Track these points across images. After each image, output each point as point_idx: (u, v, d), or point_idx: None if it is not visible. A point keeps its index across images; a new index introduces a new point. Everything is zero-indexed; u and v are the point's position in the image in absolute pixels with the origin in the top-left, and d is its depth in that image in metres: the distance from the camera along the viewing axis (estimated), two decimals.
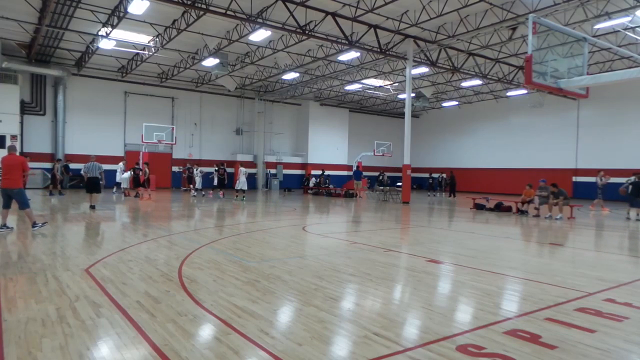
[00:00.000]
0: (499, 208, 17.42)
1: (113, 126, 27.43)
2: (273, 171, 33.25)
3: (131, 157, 24.56)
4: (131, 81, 27.52)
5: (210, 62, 22.23)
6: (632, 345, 3.75)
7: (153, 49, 21.29)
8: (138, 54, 22.98)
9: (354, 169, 29.10)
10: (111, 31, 18.55)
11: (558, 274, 6.42)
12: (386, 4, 15.84)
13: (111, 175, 23.40)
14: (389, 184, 30.50)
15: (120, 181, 21.78)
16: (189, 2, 15.20)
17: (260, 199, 23.15)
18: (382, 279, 5.90)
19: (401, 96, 31.24)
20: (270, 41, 20.79)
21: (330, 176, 31.27)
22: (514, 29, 18.42)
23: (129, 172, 21.03)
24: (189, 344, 3.53)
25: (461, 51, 21.12)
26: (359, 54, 21.40)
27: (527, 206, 16.12)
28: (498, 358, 3.37)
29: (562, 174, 27.18)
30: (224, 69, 22.21)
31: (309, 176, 31.21)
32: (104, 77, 26.82)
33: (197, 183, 22.82)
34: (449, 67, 22.52)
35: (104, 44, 20.27)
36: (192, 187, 23.39)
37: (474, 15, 17.37)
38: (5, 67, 22.22)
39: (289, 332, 3.87)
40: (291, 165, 34.35)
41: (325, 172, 30.98)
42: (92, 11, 17.38)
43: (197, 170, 23.22)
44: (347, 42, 18.68)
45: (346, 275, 6.06)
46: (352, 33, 18.60)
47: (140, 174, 20.25)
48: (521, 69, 23.45)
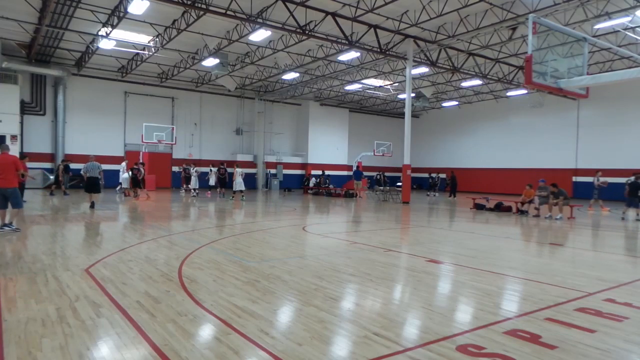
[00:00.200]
0: (499, 208, 17.42)
1: (113, 126, 27.43)
2: (273, 171, 33.23)
3: (131, 157, 24.59)
4: (131, 81, 27.52)
5: (210, 62, 22.23)
6: (632, 345, 3.75)
7: (153, 49, 21.29)
8: (138, 54, 22.98)
9: (354, 169, 29.10)
10: (111, 31, 18.55)
11: (558, 274, 6.42)
12: (386, 4, 15.84)
13: (111, 175, 23.43)
14: (387, 184, 30.53)
15: (122, 181, 21.81)
16: (189, 2, 15.20)
17: (260, 199, 23.15)
18: (382, 279, 5.90)
19: (401, 96, 31.23)
20: (270, 41, 20.79)
21: (330, 176, 31.28)
22: (514, 29, 18.42)
23: (129, 172, 21.03)
24: (189, 344, 3.53)
25: (461, 51, 21.12)
26: (359, 54, 21.39)
27: (527, 206, 16.13)
28: (498, 358, 3.37)
29: (562, 174, 27.19)
30: (224, 69, 22.21)
31: (309, 176, 31.21)
32: (104, 77, 26.82)
33: (193, 183, 22.78)
34: (449, 67, 22.52)
35: (104, 44, 20.27)
36: (186, 187, 23.36)
37: (474, 15, 17.37)
38: (5, 67, 22.22)
39: (289, 332, 3.87)
40: (291, 165, 34.33)
41: (325, 172, 31.00)
42: (92, 11, 17.38)
43: (193, 170, 23.22)
44: (347, 42, 18.67)
45: (346, 275, 6.06)
46: (352, 33, 18.60)
47: (137, 174, 20.27)
48: (521, 69, 23.44)
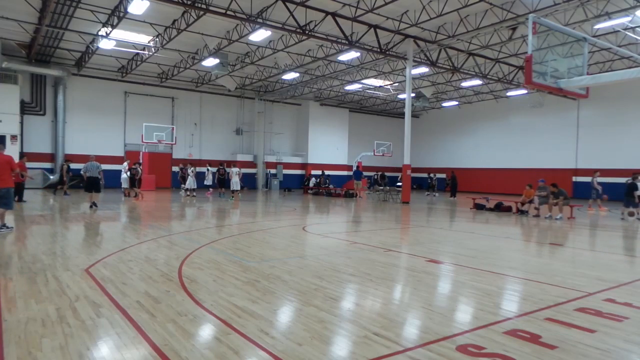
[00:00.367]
0: (499, 208, 17.42)
1: (113, 126, 27.44)
2: (273, 171, 33.23)
3: (131, 157, 24.58)
4: (131, 81, 27.52)
5: (210, 62, 22.23)
6: (632, 345, 3.75)
7: (153, 49, 21.29)
8: (138, 54, 22.98)
9: (354, 169, 29.10)
10: (111, 31, 18.55)
11: (558, 274, 6.42)
12: (386, 4, 15.84)
13: (111, 175, 23.41)
14: (387, 184, 30.51)
15: (122, 181, 21.78)
16: (189, 2, 15.20)
17: (260, 199, 23.15)
18: (382, 279, 5.89)
19: (401, 96, 31.23)
20: (270, 41, 20.79)
21: (330, 176, 31.28)
22: (514, 29, 18.42)
23: (127, 173, 21.02)
24: (189, 344, 3.52)
25: (461, 51, 21.12)
26: (359, 54, 21.39)
27: (527, 206, 16.12)
28: (498, 358, 3.37)
29: (562, 174, 27.19)
30: (224, 69, 22.21)
31: (309, 176, 31.21)
32: (104, 77, 26.82)
33: (188, 183, 22.71)
34: (449, 67, 22.51)
35: (104, 44, 20.27)
36: (184, 187, 23.38)
37: (474, 15, 17.37)
38: (5, 67, 22.22)
39: (289, 332, 3.87)
40: (291, 165, 34.33)
41: (325, 172, 31.00)
42: (92, 11, 17.38)
43: (190, 170, 23.19)
44: (347, 42, 18.67)
45: (346, 275, 6.06)
46: (352, 33, 18.60)
47: (135, 174, 20.25)
48: (521, 69, 23.44)
